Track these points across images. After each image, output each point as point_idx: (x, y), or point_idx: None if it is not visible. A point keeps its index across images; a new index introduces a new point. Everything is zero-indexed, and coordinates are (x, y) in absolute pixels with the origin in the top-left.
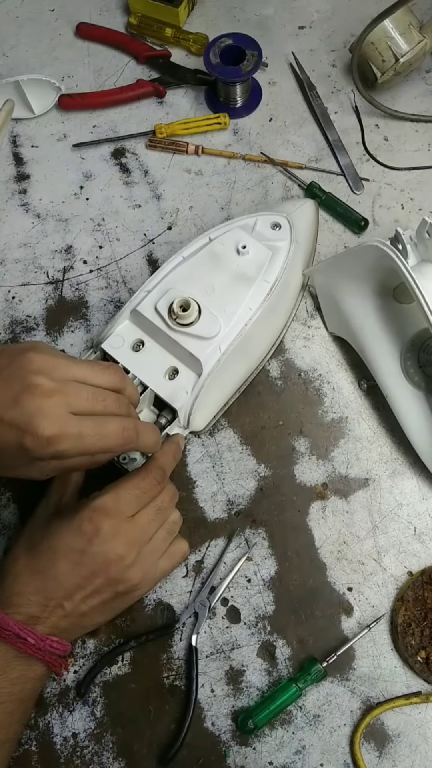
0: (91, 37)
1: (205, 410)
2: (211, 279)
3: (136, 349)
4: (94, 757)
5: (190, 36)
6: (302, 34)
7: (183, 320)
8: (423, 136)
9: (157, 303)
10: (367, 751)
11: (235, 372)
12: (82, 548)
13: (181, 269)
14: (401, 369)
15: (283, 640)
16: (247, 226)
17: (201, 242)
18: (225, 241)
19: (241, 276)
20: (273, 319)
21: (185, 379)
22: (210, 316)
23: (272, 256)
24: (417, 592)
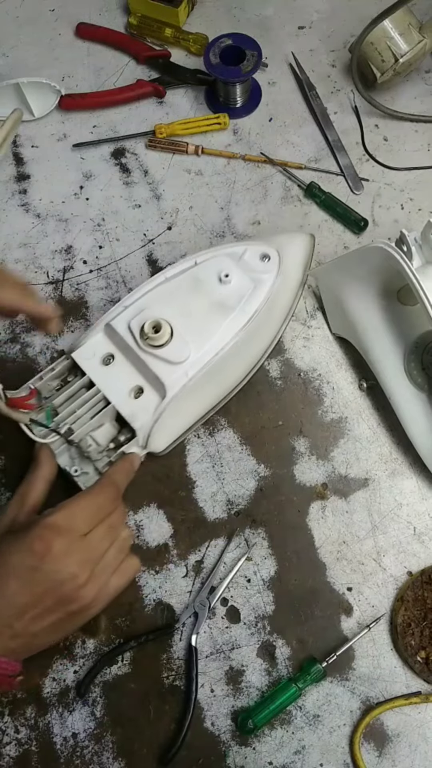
0: (91, 37)
1: (165, 433)
2: (190, 303)
3: (105, 362)
4: (94, 757)
5: (190, 36)
6: (302, 34)
7: (153, 341)
8: (422, 136)
9: (131, 321)
10: (366, 751)
11: (201, 399)
12: (33, 566)
13: (161, 289)
14: (404, 370)
15: (283, 640)
16: (235, 254)
17: (186, 264)
18: (209, 268)
19: (220, 304)
20: (248, 349)
21: (149, 399)
22: (181, 341)
23: (255, 287)
24: (417, 592)
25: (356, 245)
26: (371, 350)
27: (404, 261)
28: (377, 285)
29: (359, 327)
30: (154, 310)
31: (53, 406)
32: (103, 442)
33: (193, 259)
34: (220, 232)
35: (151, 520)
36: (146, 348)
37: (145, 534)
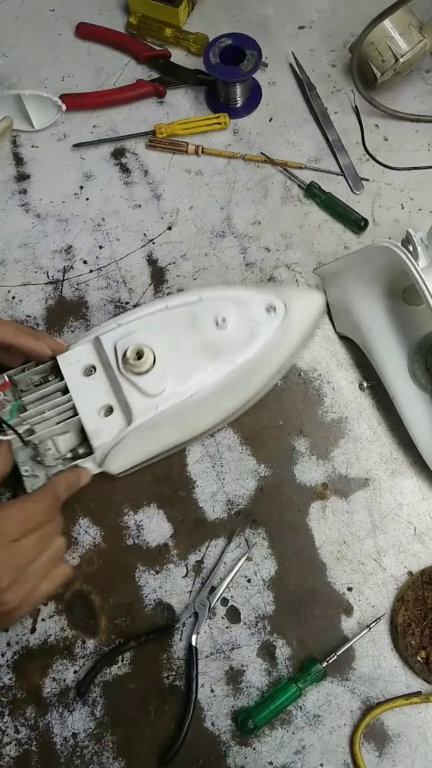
0: (91, 37)
1: (123, 458)
2: (181, 339)
3: (86, 373)
4: (94, 757)
5: (190, 36)
6: (302, 34)
7: (133, 367)
8: (423, 136)
9: (118, 340)
10: (367, 751)
11: (166, 436)
12: None
13: (159, 316)
14: (408, 371)
15: (283, 640)
16: (240, 299)
17: (190, 298)
18: (209, 308)
19: (209, 347)
20: (228, 398)
21: (115, 421)
22: (160, 374)
23: (251, 339)
24: (417, 592)
25: (356, 245)
26: (375, 350)
27: (410, 261)
28: (382, 285)
29: (364, 327)
30: (144, 336)
31: (22, 403)
32: (62, 449)
33: (198, 294)
34: (220, 232)
35: (151, 520)
36: (125, 371)
37: (145, 534)
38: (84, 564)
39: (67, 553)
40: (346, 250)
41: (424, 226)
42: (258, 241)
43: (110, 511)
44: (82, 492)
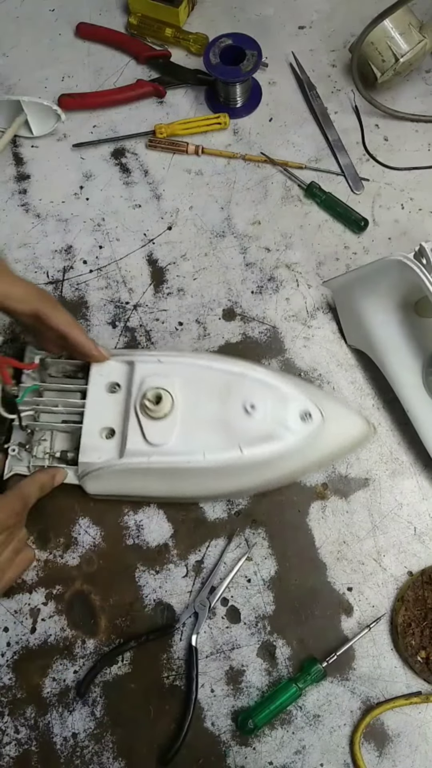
0: (91, 37)
1: (101, 485)
2: (206, 403)
3: (110, 389)
4: (94, 757)
5: (190, 36)
6: (302, 34)
7: (147, 408)
8: (423, 136)
9: (148, 376)
10: (367, 751)
11: (150, 486)
12: None
13: (197, 372)
14: (423, 383)
15: (283, 640)
16: (280, 392)
17: (234, 368)
18: (245, 388)
19: (228, 426)
20: (227, 480)
21: (109, 447)
22: (168, 427)
23: (271, 439)
24: (417, 592)
25: (356, 245)
26: (388, 363)
27: (424, 274)
28: (394, 297)
29: (376, 340)
30: (173, 382)
31: (39, 388)
32: (56, 447)
33: (244, 368)
34: (220, 232)
35: (151, 520)
36: (139, 407)
37: (145, 534)
38: (84, 564)
39: (67, 553)
40: (346, 250)
41: (424, 226)
42: (258, 241)
43: (110, 511)
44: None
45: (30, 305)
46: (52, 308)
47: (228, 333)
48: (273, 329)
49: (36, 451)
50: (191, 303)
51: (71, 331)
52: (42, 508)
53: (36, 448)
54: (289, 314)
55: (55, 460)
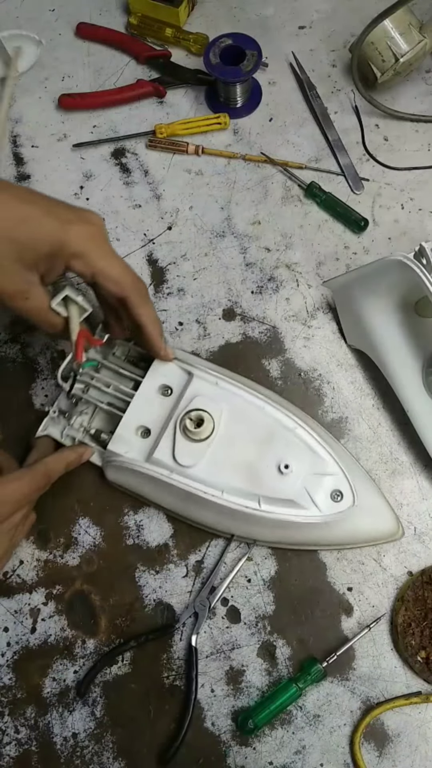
0: (91, 37)
1: (120, 477)
2: (244, 441)
3: (162, 391)
4: (94, 757)
5: (191, 36)
6: (302, 34)
7: (185, 426)
8: (423, 136)
9: (200, 394)
10: (367, 751)
11: (166, 499)
12: None
13: (250, 407)
14: (423, 383)
15: (283, 640)
16: (321, 462)
17: (288, 422)
18: (288, 444)
19: (255, 474)
20: (240, 524)
21: (139, 446)
22: (199, 451)
23: (292, 507)
24: (417, 592)
25: (356, 245)
26: (388, 363)
27: (424, 274)
28: (394, 297)
29: (376, 340)
30: (220, 410)
31: (98, 364)
32: (93, 424)
33: (297, 424)
34: (220, 232)
35: (152, 520)
36: (179, 422)
37: (146, 534)
38: (84, 564)
39: (67, 553)
40: (346, 250)
41: (424, 226)
42: (258, 241)
43: (110, 511)
44: (82, 492)
45: (122, 290)
46: (141, 299)
47: (228, 333)
48: (273, 329)
49: (74, 421)
50: (191, 303)
51: (151, 328)
52: (42, 508)
53: (75, 418)
54: (289, 314)
55: (89, 436)
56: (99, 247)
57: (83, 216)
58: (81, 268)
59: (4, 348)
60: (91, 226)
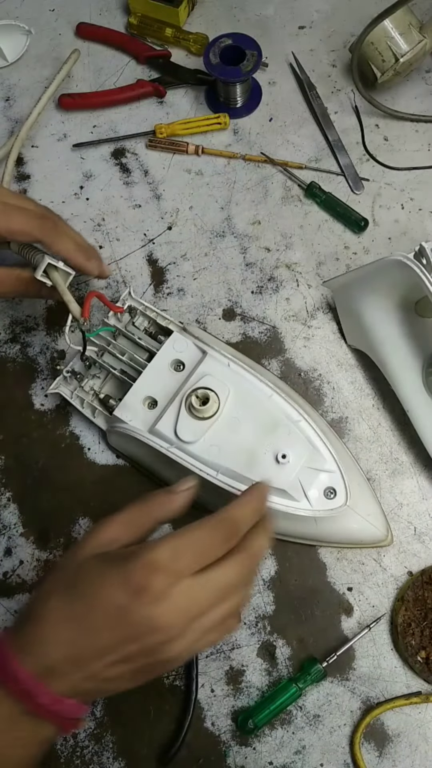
0: (91, 37)
1: (121, 443)
2: (249, 425)
3: (174, 366)
4: (94, 757)
5: (190, 36)
6: (302, 34)
7: (191, 402)
8: (423, 136)
9: (210, 372)
10: (367, 751)
11: (162, 469)
12: (125, 604)
13: (262, 391)
14: (423, 384)
15: (283, 640)
16: (320, 458)
17: (293, 414)
18: (289, 436)
19: (251, 459)
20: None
21: (143, 416)
22: (201, 429)
23: (283, 497)
24: (417, 592)
25: (356, 245)
26: (388, 363)
27: (424, 274)
28: (394, 297)
29: (376, 339)
30: (228, 392)
31: (115, 331)
32: (104, 389)
33: (300, 417)
34: (220, 232)
35: None
36: (185, 399)
37: None
38: None
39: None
40: (346, 250)
41: (424, 226)
42: (258, 241)
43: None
44: (83, 492)
45: (31, 236)
46: (54, 236)
47: (228, 333)
48: (273, 329)
49: (85, 383)
50: (191, 303)
51: (74, 257)
52: (42, 508)
53: (86, 381)
54: (289, 314)
55: (98, 400)
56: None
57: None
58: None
59: (4, 348)
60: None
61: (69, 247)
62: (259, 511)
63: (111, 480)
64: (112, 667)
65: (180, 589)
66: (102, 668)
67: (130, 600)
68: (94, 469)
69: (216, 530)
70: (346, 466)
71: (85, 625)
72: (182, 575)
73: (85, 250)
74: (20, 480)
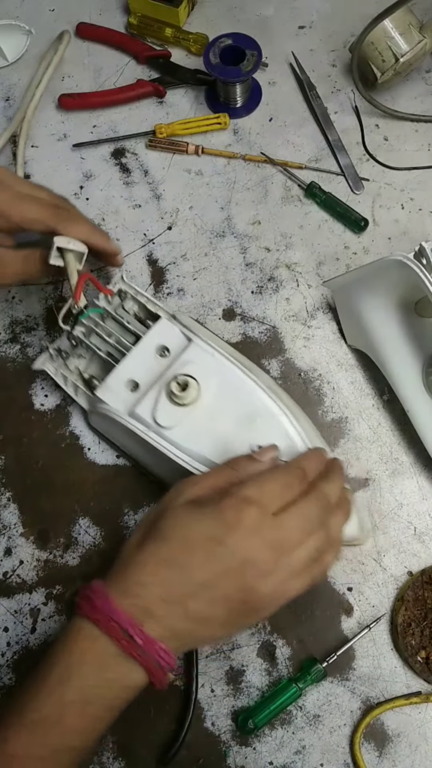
0: (91, 37)
1: (101, 424)
2: (228, 415)
3: (159, 351)
4: (94, 757)
5: (190, 36)
6: (302, 34)
7: (171, 388)
8: (423, 136)
9: (193, 360)
10: (367, 751)
11: (139, 453)
12: (220, 538)
13: (245, 383)
14: (423, 383)
15: (283, 640)
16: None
17: (278, 409)
18: (267, 430)
19: (225, 449)
20: None
21: (124, 398)
22: (179, 415)
23: None
24: (417, 592)
25: (356, 245)
26: (388, 363)
27: (424, 274)
28: (394, 297)
29: (376, 339)
30: (207, 381)
31: (103, 313)
32: (89, 370)
33: (282, 413)
34: (220, 232)
35: None
36: (165, 384)
37: None
38: (84, 564)
39: (67, 553)
40: (346, 250)
41: (424, 226)
42: (258, 241)
43: (110, 511)
44: (83, 492)
45: (45, 225)
46: (67, 222)
47: (228, 333)
48: (273, 329)
49: (69, 362)
50: (191, 303)
51: (90, 241)
52: (42, 508)
53: (71, 359)
54: (289, 314)
55: (82, 379)
56: (4, 193)
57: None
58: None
59: (4, 348)
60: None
61: (84, 230)
62: (321, 462)
63: (111, 480)
64: (208, 605)
65: (268, 524)
66: (198, 607)
67: (225, 534)
68: (94, 469)
69: (289, 473)
70: None
71: (181, 563)
72: (269, 510)
73: (102, 233)
74: (20, 480)
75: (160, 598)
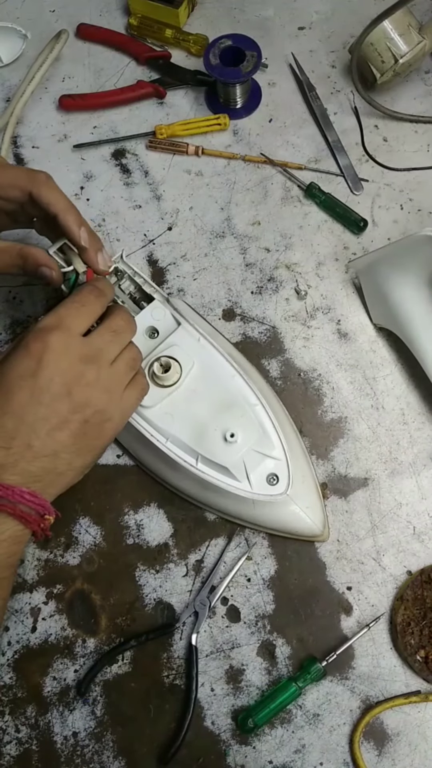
0: (92, 38)
1: None
2: (206, 400)
3: (149, 332)
4: (94, 756)
5: (190, 37)
6: (302, 35)
7: (154, 370)
8: (422, 137)
9: (178, 343)
10: (366, 750)
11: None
12: (32, 371)
13: (226, 370)
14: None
15: (283, 639)
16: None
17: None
18: (242, 417)
19: (201, 433)
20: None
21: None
22: (159, 396)
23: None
24: (416, 592)
25: (356, 245)
26: (417, 340)
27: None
28: (422, 274)
29: (404, 317)
30: (190, 364)
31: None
32: None
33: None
34: (220, 233)
35: (152, 520)
36: (149, 365)
37: (146, 533)
38: (84, 563)
39: (67, 552)
40: (346, 251)
41: (423, 226)
42: (258, 241)
43: (110, 511)
44: (83, 492)
45: (21, 189)
46: (44, 187)
47: (228, 333)
48: (273, 329)
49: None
50: (191, 303)
51: (61, 213)
52: None
53: None
54: (289, 314)
55: None
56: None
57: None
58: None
59: (4, 348)
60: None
61: (61, 199)
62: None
63: (111, 480)
64: (51, 436)
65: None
66: (43, 443)
67: (36, 366)
68: (94, 469)
69: (82, 293)
70: (294, 457)
71: (9, 409)
72: (74, 331)
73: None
74: None
75: (2, 448)
